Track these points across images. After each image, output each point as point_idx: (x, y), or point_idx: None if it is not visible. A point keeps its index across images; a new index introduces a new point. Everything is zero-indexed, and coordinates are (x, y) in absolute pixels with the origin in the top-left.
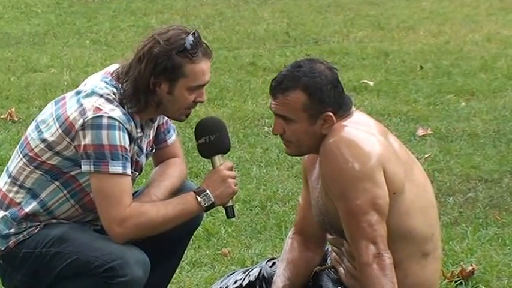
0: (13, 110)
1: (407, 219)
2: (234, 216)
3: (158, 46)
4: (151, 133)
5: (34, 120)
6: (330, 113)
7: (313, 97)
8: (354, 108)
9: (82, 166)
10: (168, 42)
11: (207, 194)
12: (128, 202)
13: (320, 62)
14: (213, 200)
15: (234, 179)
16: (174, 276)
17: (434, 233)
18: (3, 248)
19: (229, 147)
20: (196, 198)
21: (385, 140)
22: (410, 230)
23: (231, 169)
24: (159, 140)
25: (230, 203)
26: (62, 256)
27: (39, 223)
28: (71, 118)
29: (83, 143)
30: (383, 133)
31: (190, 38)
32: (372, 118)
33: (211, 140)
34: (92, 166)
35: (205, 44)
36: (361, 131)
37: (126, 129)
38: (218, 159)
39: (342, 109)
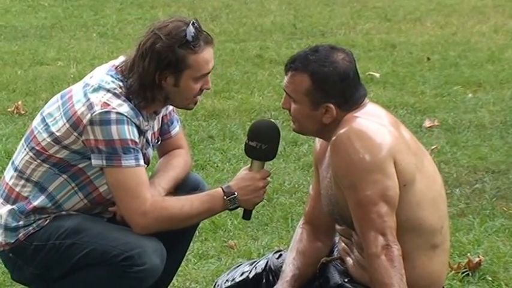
0: (20, 103)
1: (417, 211)
2: (249, 219)
3: (160, 41)
4: (156, 125)
5: (40, 114)
6: (332, 105)
7: (317, 85)
8: (367, 100)
9: (92, 160)
10: (169, 36)
11: (235, 198)
12: (147, 195)
13: (340, 52)
14: (238, 204)
15: (265, 188)
16: (180, 268)
17: (443, 225)
18: (12, 241)
19: (273, 158)
20: (224, 199)
21: (397, 131)
22: (419, 222)
23: (266, 177)
24: (163, 131)
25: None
26: (77, 247)
27: (47, 215)
28: (78, 113)
29: (92, 138)
30: (394, 124)
31: (191, 29)
32: (384, 109)
33: (262, 148)
34: (104, 161)
35: (205, 31)
36: (372, 122)
37: (135, 123)
38: (258, 164)
39: (348, 103)
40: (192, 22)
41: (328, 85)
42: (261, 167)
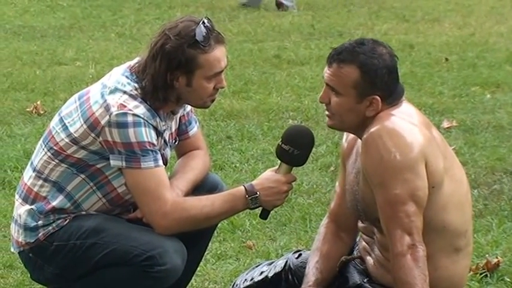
0: (39, 103)
1: (442, 214)
2: (266, 219)
3: (170, 42)
4: (173, 125)
5: (57, 114)
6: (378, 97)
7: (365, 76)
8: (404, 99)
9: (111, 161)
10: (179, 36)
11: (257, 197)
12: (167, 196)
13: (383, 46)
14: (259, 204)
15: (288, 192)
16: (198, 268)
17: (467, 229)
18: (32, 241)
19: (302, 165)
20: (246, 198)
21: (429, 132)
22: (444, 225)
23: (291, 182)
24: (181, 131)
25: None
26: (98, 247)
27: (67, 215)
28: (96, 114)
29: (110, 140)
30: (427, 126)
31: (201, 28)
32: (417, 110)
33: (294, 153)
34: (123, 162)
35: (216, 30)
36: (405, 121)
37: (152, 124)
38: (286, 168)
39: (392, 97)
40: (202, 21)
41: (377, 77)
42: (288, 171)
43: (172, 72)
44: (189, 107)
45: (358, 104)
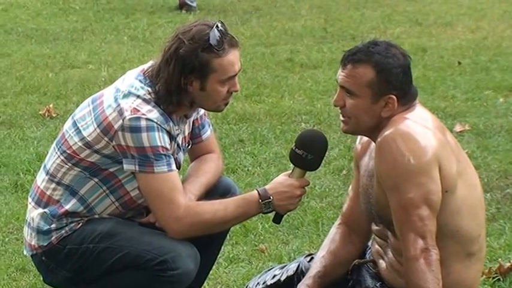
0: (51, 106)
1: (456, 218)
2: (279, 223)
3: (183, 46)
4: (187, 129)
5: (71, 117)
6: (394, 96)
7: (381, 76)
8: (417, 101)
9: (124, 165)
10: (193, 40)
11: (271, 202)
12: (180, 200)
13: (396, 47)
14: (272, 208)
15: (301, 197)
16: (211, 272)
17: (480, 233)
18: (45, 244)
19: (316, 170)
20: (259, 202)
21: (443, 136)
22: (457, 229)
23: (304, 186)
24: (194, 135)
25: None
26: (111, 251)
27: (80, 218)
28: (110, 118)
29: (123, 144)
30: (441, 130)
31: (214, 32)
32: (431, 113)
33: (307, 158)
34: (137, 166)
35: (230, 34)
36: (419, 125)
37: (165, 129)
38: (300, 172)
39: (406, 97)
40: (216, 25)
41: (392, 76)
42: (302, 176)
43: (186, 77)
44: (202, 111)
45: (373, 105)
